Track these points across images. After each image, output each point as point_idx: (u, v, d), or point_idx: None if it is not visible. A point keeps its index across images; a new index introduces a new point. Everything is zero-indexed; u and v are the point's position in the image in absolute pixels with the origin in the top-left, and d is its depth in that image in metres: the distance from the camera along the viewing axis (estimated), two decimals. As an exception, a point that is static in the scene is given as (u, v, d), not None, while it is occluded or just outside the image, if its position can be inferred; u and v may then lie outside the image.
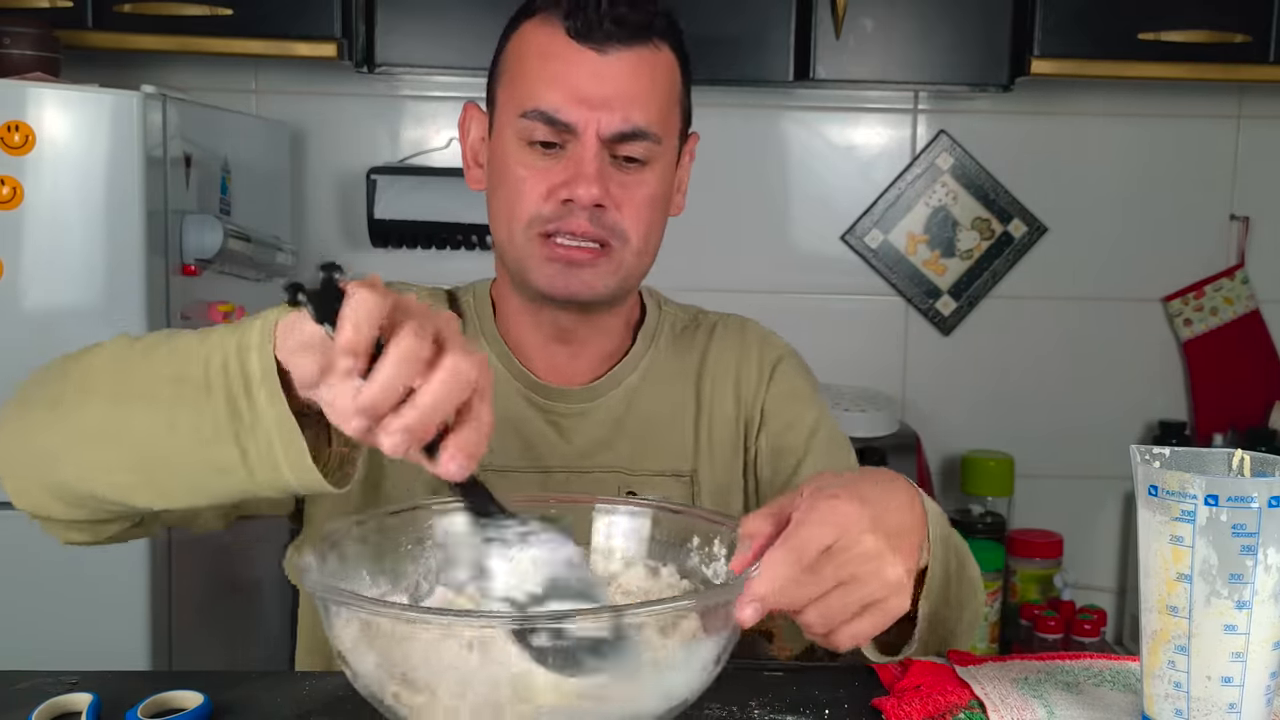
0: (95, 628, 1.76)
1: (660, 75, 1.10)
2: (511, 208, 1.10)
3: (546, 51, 1.08)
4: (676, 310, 1.26)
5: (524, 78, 1.09)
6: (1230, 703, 0.75)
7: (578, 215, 1.07)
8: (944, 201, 2.57)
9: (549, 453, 1.15)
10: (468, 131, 1.19)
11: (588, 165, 1.06)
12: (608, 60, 1.07)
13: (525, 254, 1.10)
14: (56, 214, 1.74)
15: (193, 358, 0.79)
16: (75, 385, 0.86)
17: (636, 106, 1.07)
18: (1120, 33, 2.19)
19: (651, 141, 1.09)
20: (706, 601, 0.78)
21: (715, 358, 1.21)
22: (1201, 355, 2.60)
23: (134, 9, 2.10)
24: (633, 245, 1.10)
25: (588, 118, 1.06)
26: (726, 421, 1.19)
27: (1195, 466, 0.79)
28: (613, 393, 1.18)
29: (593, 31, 1.06)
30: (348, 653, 0.75)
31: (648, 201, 1.10)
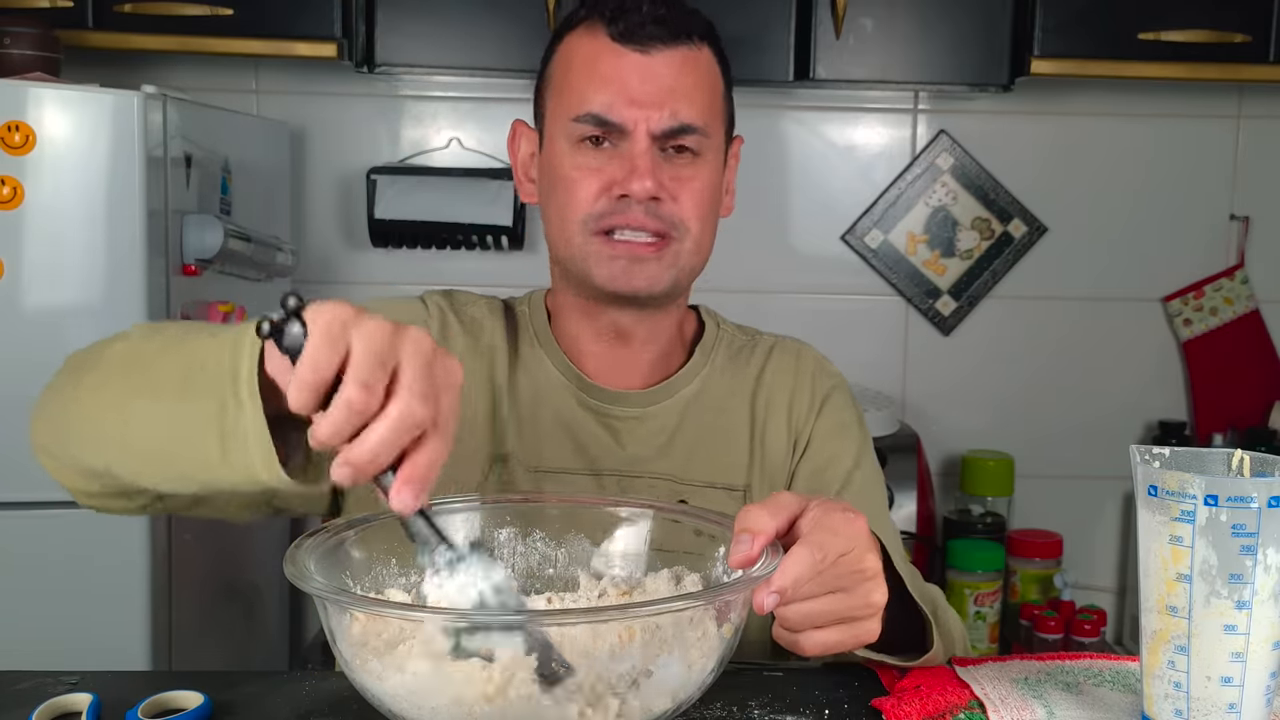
0: (95, 628, 1.76)
1: (703, 72, 1.13)
2: (566, 208, 1.12)
3: (592, 56, 1.11)
4: (734, 330, 1.28)
5: (571, 84, 1.12)
6: (1230, 703, 0.75)
7: (634, 209, 1.10)
8: (944, 201, 2.57)
9: (602, 455, 1.16)
10: (517, 148, 1.22)
11: (640, 160, 1.09)
12: (652, 59, 1.10)
13: (585, 253, 1.12)
14: (56, 214, 1.74)
15: (195, 356, 0.80)
16: (95, 371, 0.89)
17: (683, 102, 1.10)
18: (1120, 33, 2.19)
19: (700, 135, 1.12)
20: (715, 598, 0.78)
21: (771, 379, 1.23)
22: (1201, 355, 2.60)
23: (134, 9, 2.10)
24: (692, 234, 1.13)
25: (637, 116, 1.09)
26: (778, 442, 1.21)
27: (1195, 466, 0.79)
28: (668, 401, 1.20)
29: (635, 33, 1.10)
30: (348, 653, 0.75)
31: (701, 192, 1.13)
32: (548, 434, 1.16)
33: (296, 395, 0.71)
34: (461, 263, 2.50)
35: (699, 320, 1.28)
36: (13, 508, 1.75)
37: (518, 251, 2.47)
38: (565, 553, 0.94)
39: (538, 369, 1.19)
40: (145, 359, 0.85)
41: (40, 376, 1.84)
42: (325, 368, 0.70)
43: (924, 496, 2.36)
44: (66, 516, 1.74)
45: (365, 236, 2.44)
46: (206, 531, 2.00)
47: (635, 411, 1.18)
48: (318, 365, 0.70)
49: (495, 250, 2.47)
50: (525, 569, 0.94)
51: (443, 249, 2.47)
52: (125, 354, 0.88)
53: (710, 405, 1.21)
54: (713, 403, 1.21)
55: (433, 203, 2.38)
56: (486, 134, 2.50)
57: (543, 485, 1.14)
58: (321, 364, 0.70)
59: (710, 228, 1.16)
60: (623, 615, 0.74)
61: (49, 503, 1.74)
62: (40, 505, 1.75)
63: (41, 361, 1.86)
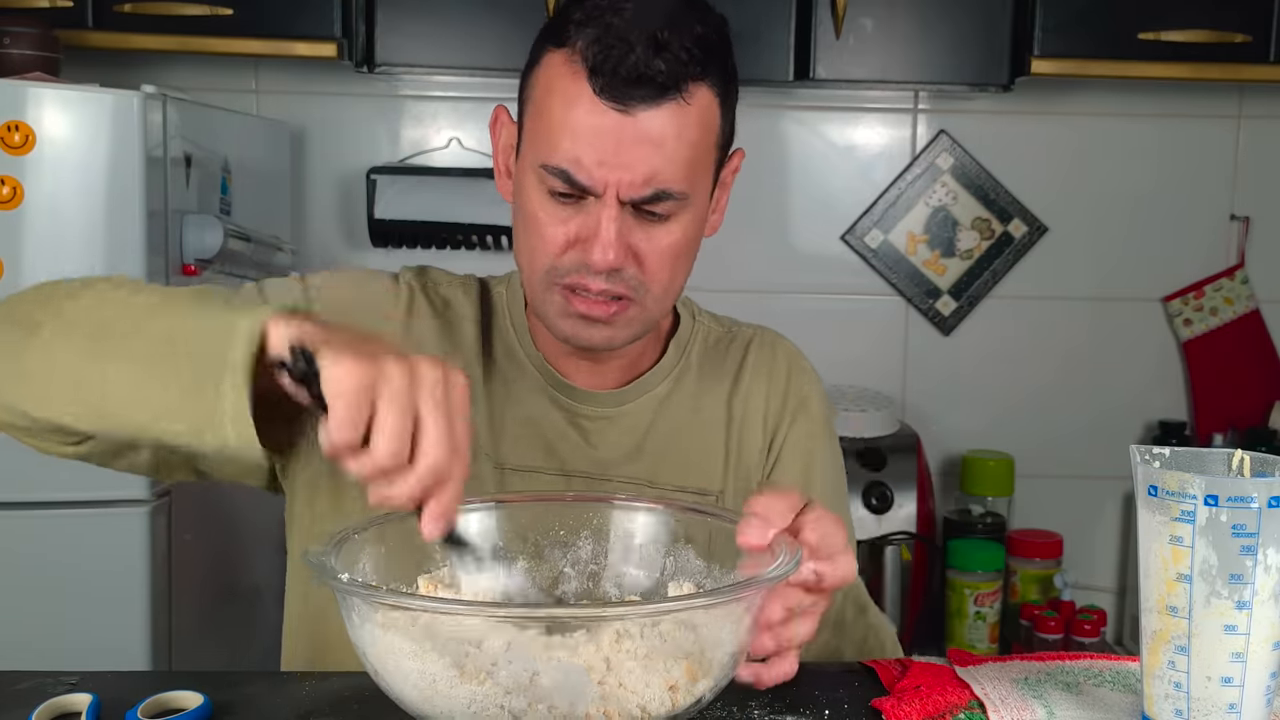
0: (95, 628, 1.76)
1: (690, 128, 1.02)
2: (532, 252, 1.07)
3: (570, 101, 1.01)
4: (710, 321, 1.24)
5: (546, 122, 1.03)
6: (1230, 703, 0.75)
7: (595, 277, 1.04)
8: (944, 201, 2.57)
9: (571, 456, 1.14)
10: (498, 136, 1.15)
11: (605, 228, 1.01)
12: (634, 120, 1.00)
13: (545, 300, 1.08)
14: (56, 214, 1.74)
15: (180, 327, 0.82)
16: (61, 318, 0.88)
17: (660, 168, 1.01)
18: (1120, 33, 2.19)
19: (676, 200, 1.03)
20: (747, 589, 0.78)
21: (749, 380, 1.20)
22: (1201, 355, 2.60)
23: (134, 9, 2.10)
24: (653, 294, 1.07)
25: (608, 179, 1.00)
26: (753, 445, 1.19)
27: (1195, 466, 0.79)
28: (640, 400, 1.17)
29: (617, 93, 0.99)
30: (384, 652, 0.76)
31: (670, 252, 1.06)
32: (517, 431, 1.14)
33: (329, 453, 0.76)
34: (461, 263, 2.50)
35: (675, 312, 1.23)
36: (13, 508, 1.75)
37: (518, 251, 2.46)
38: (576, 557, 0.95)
39: (509, 361, 1.16)
40: (122, 319, 0.85)
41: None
42: (355, 435, 0.75)
43: (924, 496, 2.36)
44: (66, 516, 1.75)
45: (365, 236, 2.44)
46: (207, 532, 2.00)
47: (607, 412, 1.15)
48: (348, 435, 0.75)
49: (495, 250, 2.47)
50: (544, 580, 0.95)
51: (443, 249, 2.47)
52: (98, 309, 0.87)
53: (684, 405, 1.18)
54: (686, 402, 1.18)
55: (433, 203, 2.38)
56: (486, 134, 2.49)
57: (509, 484, 1.11)
58: (351, 434, 0.75)
59: (680, 277, 1.10)
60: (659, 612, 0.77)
61: (49, 503, 1.74)
62: (40, 505, 1.75)
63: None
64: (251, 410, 0.77)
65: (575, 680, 0.73)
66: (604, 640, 0.76)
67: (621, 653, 0.76)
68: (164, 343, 0.81)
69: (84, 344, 0.85)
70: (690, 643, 0.77)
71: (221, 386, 0.77)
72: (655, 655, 0.76)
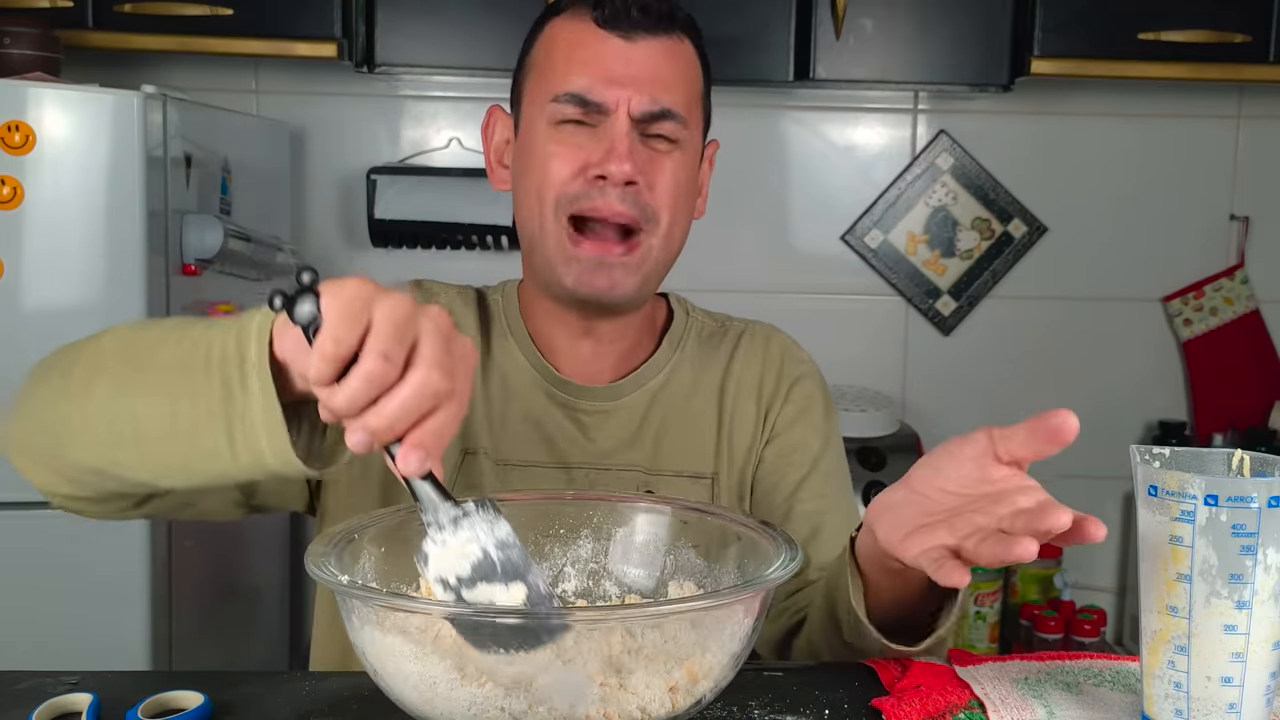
0: (95, 628, 1.76)
1: (684, 64, 1.13)
2: (540, 189, 1.11)
3: (576, 40, 1.11)
4: (704, 317, 1.27)
5: (553, 67, 1.12)
6: (1230, 703, 0.75)
7: (609, 194, 1.09)
8: (944, 201, 2.57)
9: (571, 449, 1.16)
10: (492, 134, 1.21)
11: (620, 142, 1.09)
12: (635, 46, 1.10)
13: (554, 249, 1.11)
14: (56, 214, 1.74)
15: (198, 345, 0.80)
16: (84, 367, 0.88)
17: (664, 88, 1.10)
18: (1120, 33, 2.19)
19: (679, 123, 1.12)
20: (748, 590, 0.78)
21: (740, 366, 1.22)
22: (1201, 355, 2.60)
23: (134, 9, 2.10)
24: (661, 228, 1.12)
25: (619, 96, 1.09)
26: (745, 427, 1.21)
27: (1195, 466, 0.79)
28: (636, 393, 1.19)
29: (619, 20, 1.10)
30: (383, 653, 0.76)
31: (675, 182, 1.12)
32: (516, 428, 1.15)
33: (317, 367, 0.71)
34: (461, 263, 2.50)
35: (668, 308, 1.26)
36: (13, 508, 1.75)
37: (517, 251, 2.44)
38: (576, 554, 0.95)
39: (508, 362, 1.18)
40: (142, 350, 0.85)
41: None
42: (347, 340, 0.71)
43: (924, 496, 2.35)
44: (67, 517, 1.73)
45: (365, 236, 2.44)
46: (207, 532, 2.00)
47: (604, 405, 1.18)
48: (339, 338, 0.70)
49: (495, 250, 2.47)
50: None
51: (443, 249, 2.48)
52: (118, 347, 0.87)
53: (678, 394, 1.20)
54: (680, 391, 1.20)
55: (433, 203, 2.38)
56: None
57: (510, 479, 1.13)
58: (343, 337, 0.70)
59: (681, 222, 1.15)
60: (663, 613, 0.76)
61: (49, 503, 1.74)
62: (40, 505, 1.73)
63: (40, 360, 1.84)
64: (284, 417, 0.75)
65: (575, 682, 0.73)
66: (604, 641, 0.76)
67: (622, 654, 0.76)
68: (181, 365, 0.80)
69: (110, 384, 0.85)
70: (691, 643, 0.77)
71: (249, 388, 0.76)
72: (656, 656, 0.76)
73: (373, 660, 0.76)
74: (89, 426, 0.86)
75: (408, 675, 0.74)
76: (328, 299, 0.71)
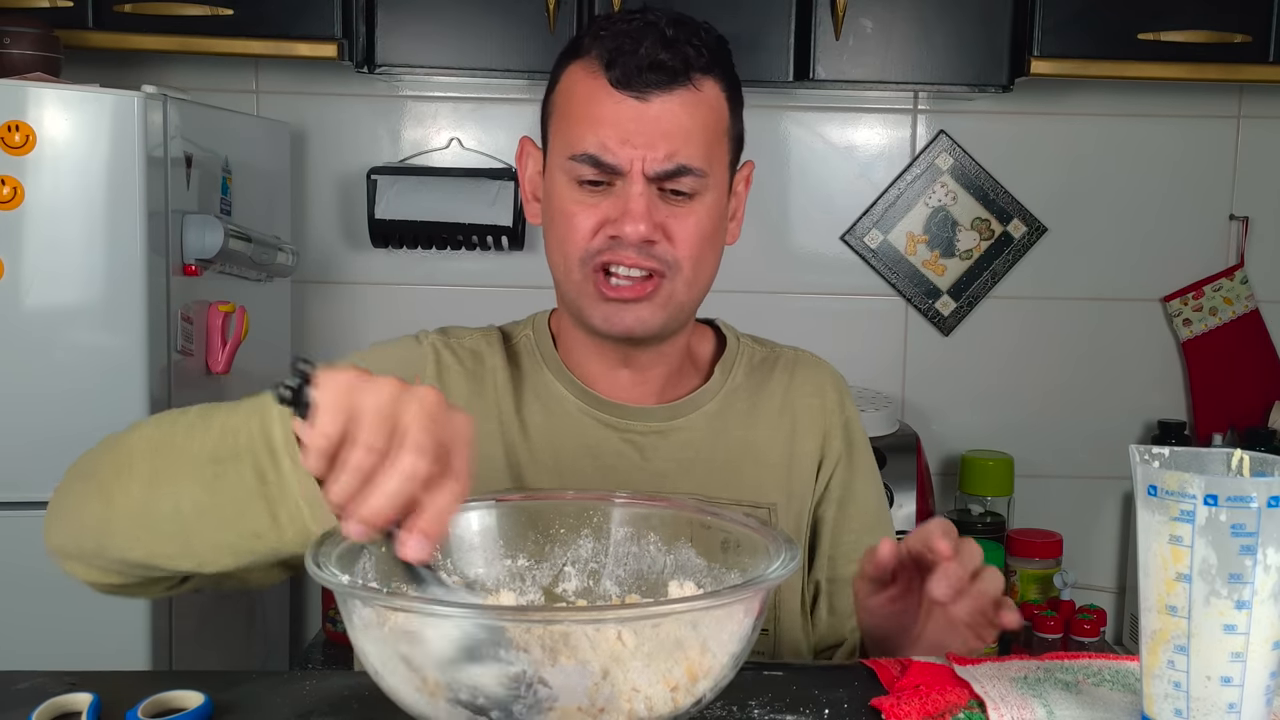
0: (95, 628, 1.76)
1: (702, 113, 1.12)
2: (564, 244, 1.13)
3: (590, 97, 1.11)
4: (752, 344, 1.29)
5: (570, 121, 1.13)
6: (1230, 703, 0.75)
7: (627, 250, 1.10)
8: (943, 201, 2.57)
9: (629, 473, 1.17)
10: (524, 166, 1.23)
11: (634, 203, 1.09)
12: (649, 105, 1.09)
13: (580, 292, 1.13)
14: (56, 214, 1.74)
15: (224, 434, 0.81)
16: (116, 466, 0.89)
17: (681, 143, 1.10)
18: (1120, 33, 2.19)
19: (697, 176, 1.11)
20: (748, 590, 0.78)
21: (799, 397, 1.25)
22: (1201, 355, 2.60)
23: (134, 9, 2.10)
24: (684, 275, 1.13)
25: (632, 156, 1.09)
26: (806, 461, 1.23)
27: (1194, 466, 0.79)
28: (692, 416, 1.20)
29: (632, 80, 1.09)
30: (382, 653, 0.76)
31: (696, 233, 1.12)
32: (568, 459, 1.16)
33: (310, 462, 0.74)
34: (461, 263, 2.50)
35: (717, 335, 1.28)
36: (13, 508, 1.75)
37: (518, 251, 2.47)
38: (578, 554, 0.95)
39: (548, 394, 1.19)
40: (172, 444, 0.85)
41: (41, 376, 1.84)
42: (333, 434, 0.73)
43: (923, 496, 2.36)
44: (66, 516, 1.74)
45: (365, 236, 2.44)
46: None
47: (658, 426, 1.19)
48: (326, 433, 0.73)
49: (495, 250, 2.47)
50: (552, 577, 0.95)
51: (443, 249, 2.47)
52: (148, 443, 0.87)
53: (736, 422, 1.22)
54: (738, 420, 1.22)
55: (433, 203, 2.38)
56: (486, 134, 2.50)
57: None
58: (330, 431, 0.73)
59: (708, 264, 1.16)
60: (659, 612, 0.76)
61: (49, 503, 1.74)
62: (40, 505, 1.74)
63: (41, 361, 1.86)
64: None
65: (576, 681, 0.73)
66: (605, 640, 0.76)
67: (623, 653, 0.76)
68: (213, 457, 0.81)
69: (144, 481, 0.85)
70: (692, 643, 0.77)
71: (282, 469, 0.77)
72: (657, 655, 0.76)
73: (374, 660, 0.76)
74: (128, 524, 0.87)
75: (409, 676, 0.74)
76: (319, 392, 0.73)
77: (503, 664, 0.72)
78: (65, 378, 1.75)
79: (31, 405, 1.74)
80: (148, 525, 0.86)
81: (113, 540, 0.89)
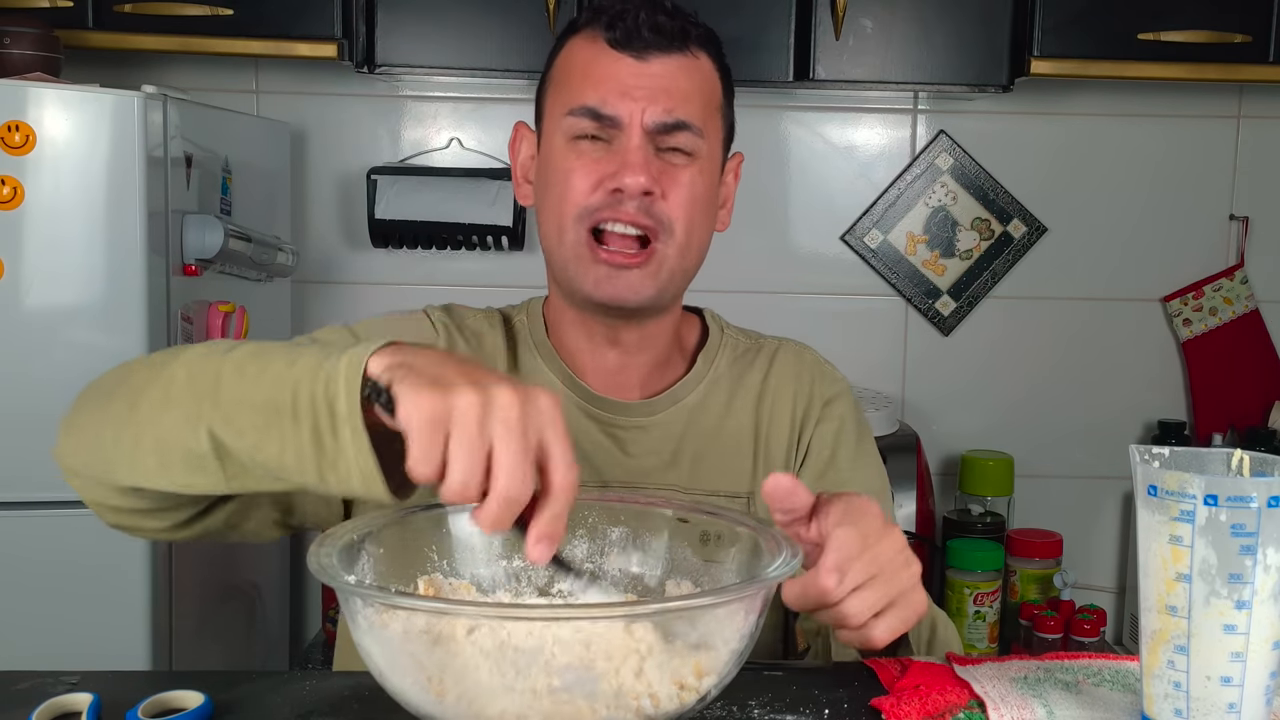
0: (95, 628, 1.76)
1: (699, 79, 1.14)
2: (561, 203, 1.13)
3: (590, 59, 1.13)
4: (737, 334, 1.28)
5: (569, 83, 1.14)
6: (1230, 703, 0.75)
7: (626, 204, 1.11)
8: (943, 202, 2.57)
9: (608, 465, 1.17)
10: (518, 150, 1.23)
11: (634, 154, 1.10)
12: (648, 64, 1.12)
13: (573, 257, 1.13)
14: (56, 214, 1.74)
15: (282, 384, 0.80)
16: (154, 397, 0.87)
17: (678, 100, 1.12)
18: (1120, 33, 2.19)
19: (694, 134, 1.13)
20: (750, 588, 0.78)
21: (775, 384, 1.24)
22: (1201, 355, 2.60)
23: (134, 9, 2.10)
24: (677, 238, 1.13)
25: (631, 108, 1.10)
26: (781, 447, 1.22)
27: (1194, 466, 0.79)
28: (672, 409, 1.20)
29: (632, 40, 1.11)
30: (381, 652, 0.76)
31: (691, 194, 1.13)
32: None
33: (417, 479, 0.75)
34: (461, 263, 2.50)
35: (703, 325, 1.28)
36: (13, 508, 1.75)
37: (518, 251, 2.47)
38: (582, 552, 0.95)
39: (538, 379, 1.19)
40: (220, 383, 0.83)
41: (41, 376, 1.84)
42: (429, 472, 0.74)
43: (923, 496, 2.36)
44: (66, 517, 1.74)
45: (365, 236, 2.44)
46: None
47: (639, 421, 1.19)
48: (421, 471, 0.74)
49: (495, 250, 2.47)
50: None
51: (443, 249, 2.47)
52: (191, 378, 0.85)
53: (714, 413, 1.21)
54: (716, 410, 1.21)
55: (433, 203, 2.38)
56: (486, 134, 2.50)
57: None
58: (424, 468, 0.74)
59: (700, 233, 1.16)
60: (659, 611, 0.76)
61: (49, 503, 1.74)
62: (40, 505, 1.75)
63: (41, 361, 1.86)
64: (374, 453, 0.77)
65: (581, 678, 0.73)
66: (613, 638, 0.76)
67: (631, 651, 0.76)
68: (268, 406, 0.80)
69: (184, 416, 0.84)
70: (698, 640, 0.77)
71: (340, 439, 0.77)
72: (664, 653, 0.76)
73: (377, 660, 0.76)
74: (160, 456, 0.86)
75: (413, 675, 0.74)
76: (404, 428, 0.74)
77: None
78: (65, 378, 1.74)
79: (32, 405, 1.74)
80: (184, 461, 0.85)
81: (134, 467, 0.88)
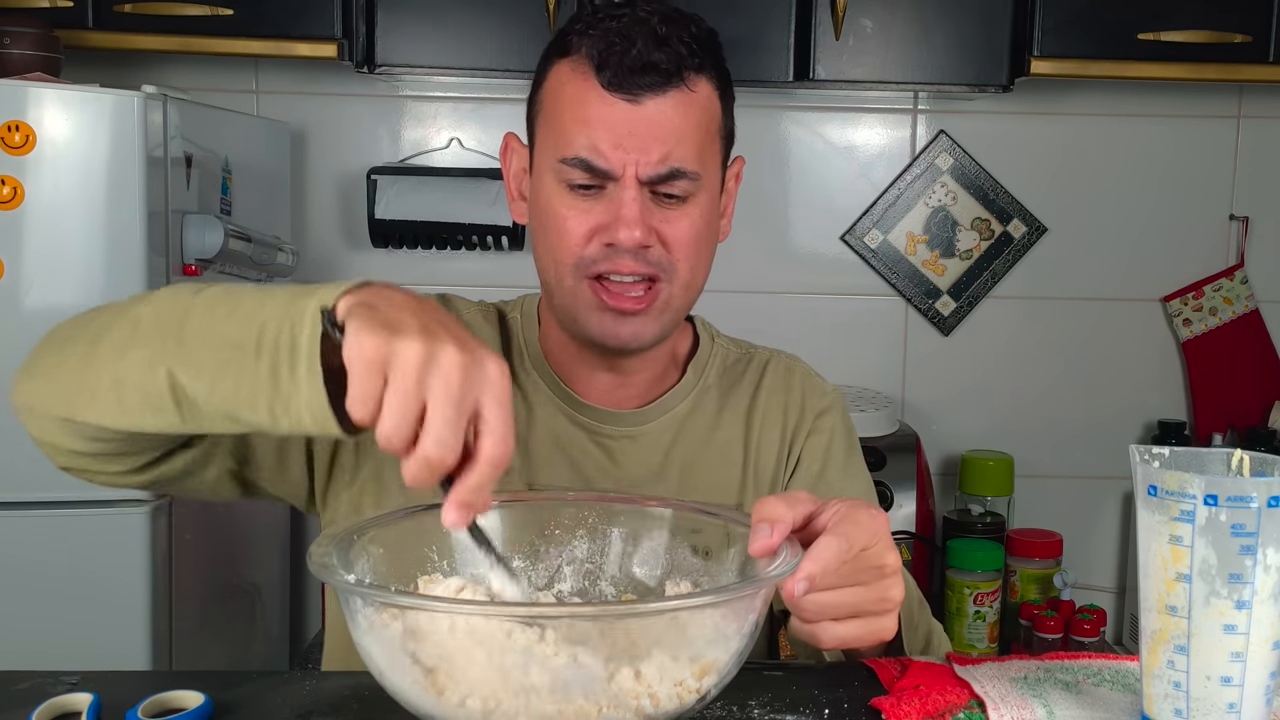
0: (95, 628, 1.76)
1: (695, 113, 1.09)
2: (556, 250, 1.10)
3: (581, 99, 1.07)
4: (728, 343, 1.27)
5: (560, 123, 1.09)
6: (1230, 703, 0.75)
7: (623, 256, 1.08)
8: (943, 202, 2.57)
9: (597, 474, 1.16)
10: (509, 163, 1.19)
11: (628, 208, 1.06)
12: (642, 107, 1.06)
13: (575, 300, 1.11)
14: (56, 214, 1.74)
15: (250, 321, 0.80)
16: (117, 337, 0.88)
17: (673, 147, 1.07)
18: (1120, 33, 2.19)
19: (690, 179, 1.08)
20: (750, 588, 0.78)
21: (766, 396, 1.22)
22: (1201, 355, 2.60)
23: (134, 9, 2.10)
24: (680, 278, 1.11)
25: (625, 160, 1.06)
26: (770, 459, 1.21)
27: (1194, 466, 0.79)
28: (661, 419, 1.19)
29: (624, 83, 1.06)
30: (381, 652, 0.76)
31: (692, 235, 1.10)
32: (542, 452, 1.15)
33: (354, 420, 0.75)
34: (461, 263, 2.50)
35: (694, 333, 1.26)
36: (13, 508, 1.75)
37: (517, 251, 2.47)
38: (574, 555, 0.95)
39: (529, 385, 1.18)
40: (186, 322, 0.84)
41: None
42: (364, 412, 0.74)
43: (923, 496, 2.36)
44: (66, 516, 1.75)
45: (365, 236, 2.44)
46: (207, 532, 2.00)
47: (629, 431, 1.18)
48: (356, 410, 0.74)
49: (495, 250, 2.47)
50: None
51: (443, 249, 2.47)
52: (158, 317, 0.86)
53: (703, 424, 1.20)
54: (705, 421, 1.20)
55: (433, 203, 2.38)
56: (486, 134, 2.50)
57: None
58: (359, 408, 0.74)
59: (703, 265, 1.14)
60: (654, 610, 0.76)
61: (49, 503, 1.74)
62: (40, 505, 1.75)
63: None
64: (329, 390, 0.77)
65: (580, 678, 0.73)
66: (614, 638, 0.76)
67: (631, 650, 0.76)
68: (231, 343, 0.80)
69: (147, 356, 0.85)
70: (698, 640, 0.77)
71: (296, 375, 0.77)
72: (664, 653, 0.76)
73: (377, 660, 0.76)
74: (118, 393, 0.87)
75: (414, 675, 0.74)
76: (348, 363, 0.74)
77: None
78: (65, 378, 1.75)
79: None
80: (141, 399, 0.85)
81: (94, 406, 0.89)
